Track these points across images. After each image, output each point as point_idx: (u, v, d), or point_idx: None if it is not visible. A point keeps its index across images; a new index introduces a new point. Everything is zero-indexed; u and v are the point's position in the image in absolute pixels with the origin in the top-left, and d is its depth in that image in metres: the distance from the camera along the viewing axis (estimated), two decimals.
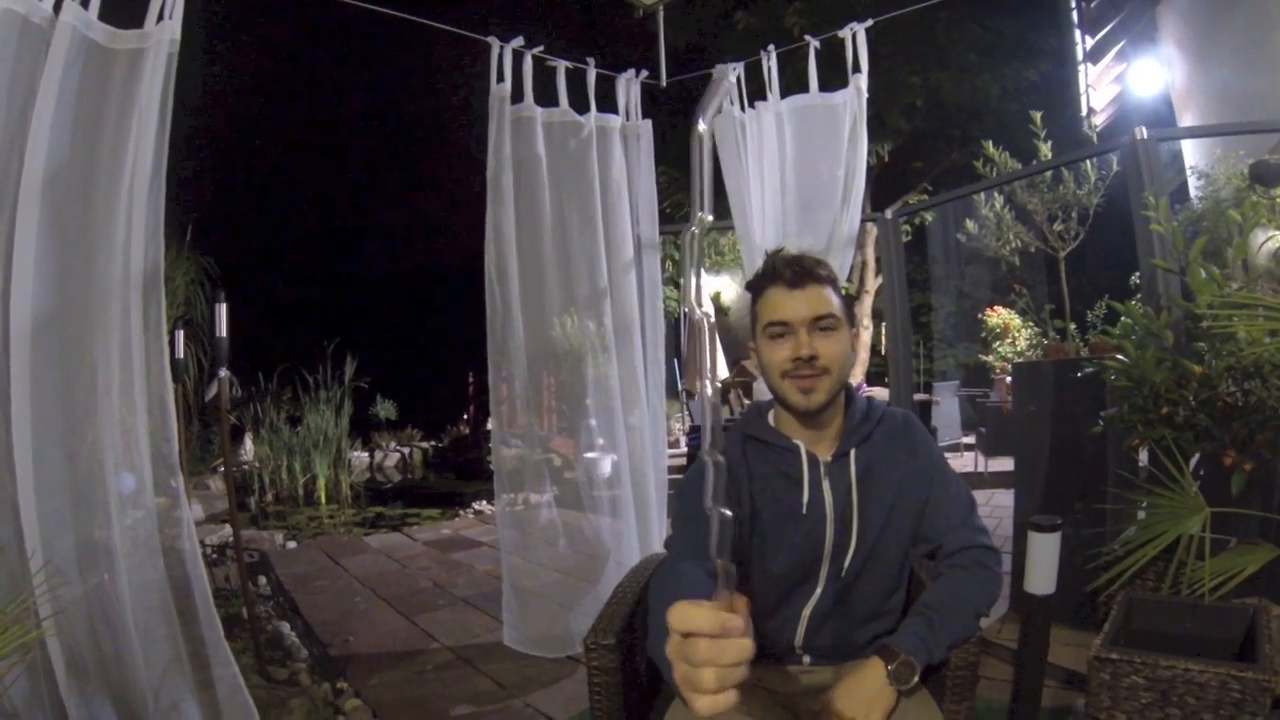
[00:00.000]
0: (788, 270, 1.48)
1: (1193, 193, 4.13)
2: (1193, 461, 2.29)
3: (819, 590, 1.50)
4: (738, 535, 1.47)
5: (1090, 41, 7.44)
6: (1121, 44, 6.94)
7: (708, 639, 0.74)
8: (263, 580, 4.85)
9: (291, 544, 6.09)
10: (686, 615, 0.76)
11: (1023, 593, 2.17)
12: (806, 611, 1.51)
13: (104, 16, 2.22)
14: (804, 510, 1.49)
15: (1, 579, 1.94)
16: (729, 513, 0.78)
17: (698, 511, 1.44)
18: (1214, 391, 2.26)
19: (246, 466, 9.03)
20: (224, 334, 3.22)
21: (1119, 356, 2.56)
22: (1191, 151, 4.59)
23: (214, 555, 4.60)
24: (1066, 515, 2.38)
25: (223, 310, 3.21)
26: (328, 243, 17.88)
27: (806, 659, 1.54)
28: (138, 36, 2.27)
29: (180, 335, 3.55)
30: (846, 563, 1.48)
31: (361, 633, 3.84)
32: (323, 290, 17.04)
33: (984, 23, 9.11)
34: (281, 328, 12.82)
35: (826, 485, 1.50)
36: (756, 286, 1.54)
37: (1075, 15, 7.83)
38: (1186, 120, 5.66)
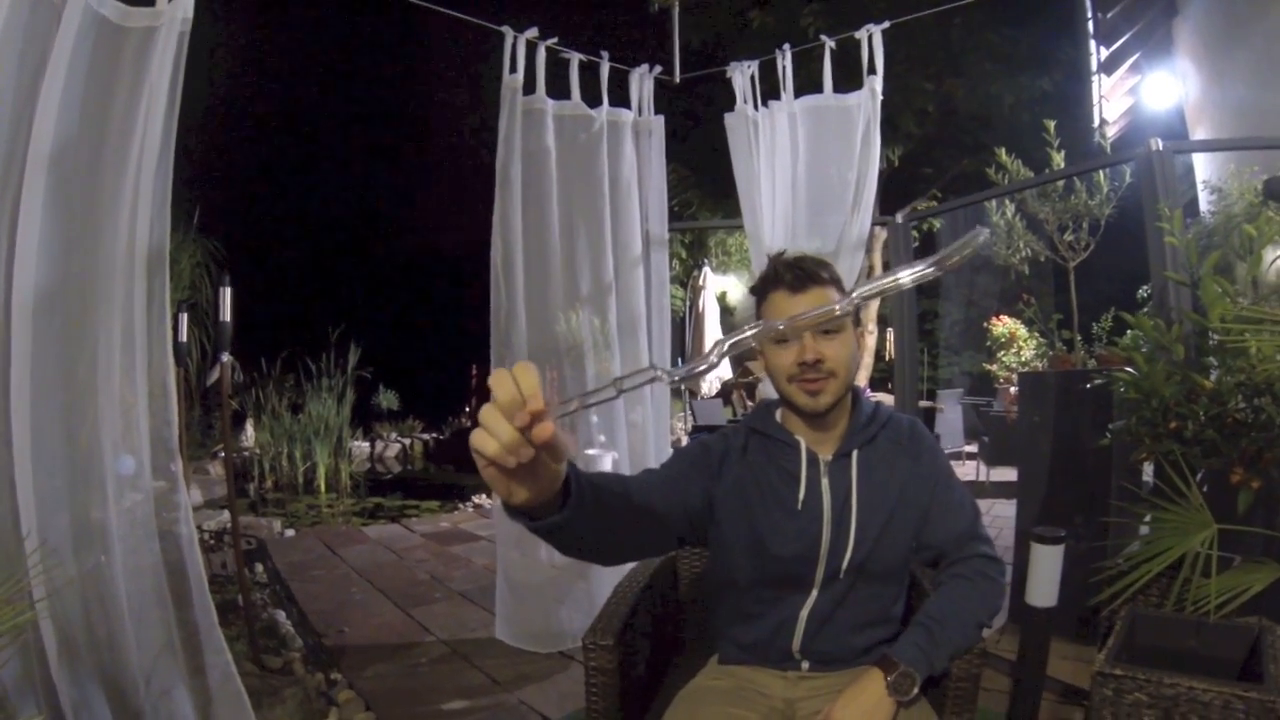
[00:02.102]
0: (789, 274, 1.48)
1: (1204, 207, 4.09)
2: (1197, 476, 2.26)
3: (815, 592, 1.49)
4: (705, 508, 1.51)
5: (1105, 53, 7.39)
6: (1136, 56, 6.89)
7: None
8: (259, 568, 4.85)
9: (290, 532, 6.09)
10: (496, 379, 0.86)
11: (1023, 605, 2.15)
12: (803, 614, 1.49)
13: None
14: (799, 506, 1.48)
15: None
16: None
17: (675, 467, 1.52)
18: (1224, 407, 2.24)
19: (247, 452, 9.03)
20: (228, 319, 3.21)
21: (1128, 369, 2.54)
22: (1204, 166, 4.55)
23: (211, 541, 4.59)
24: (1068, 527, 2.36)
25: (227, 295, 3.20)
26: (335, 230, 17.87)
27: (805, 664, 1.52)
28: (150, 14, 2.25)
29: (184, 318, 3.54)
30: (844, 564, 1.47)
31: (357, 624, 3.84)
32: (328, 277, 17.04)
33: (1000, 30, 9.09)
34: (286, 314, 12.81)
35: (825, 483, 1.49)
36: (760, 291, 1.54)
37: (1091, 26, 7.78)
38: (1199, 134, 5.62)
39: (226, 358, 3.24)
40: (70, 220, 2.15)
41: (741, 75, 3.52)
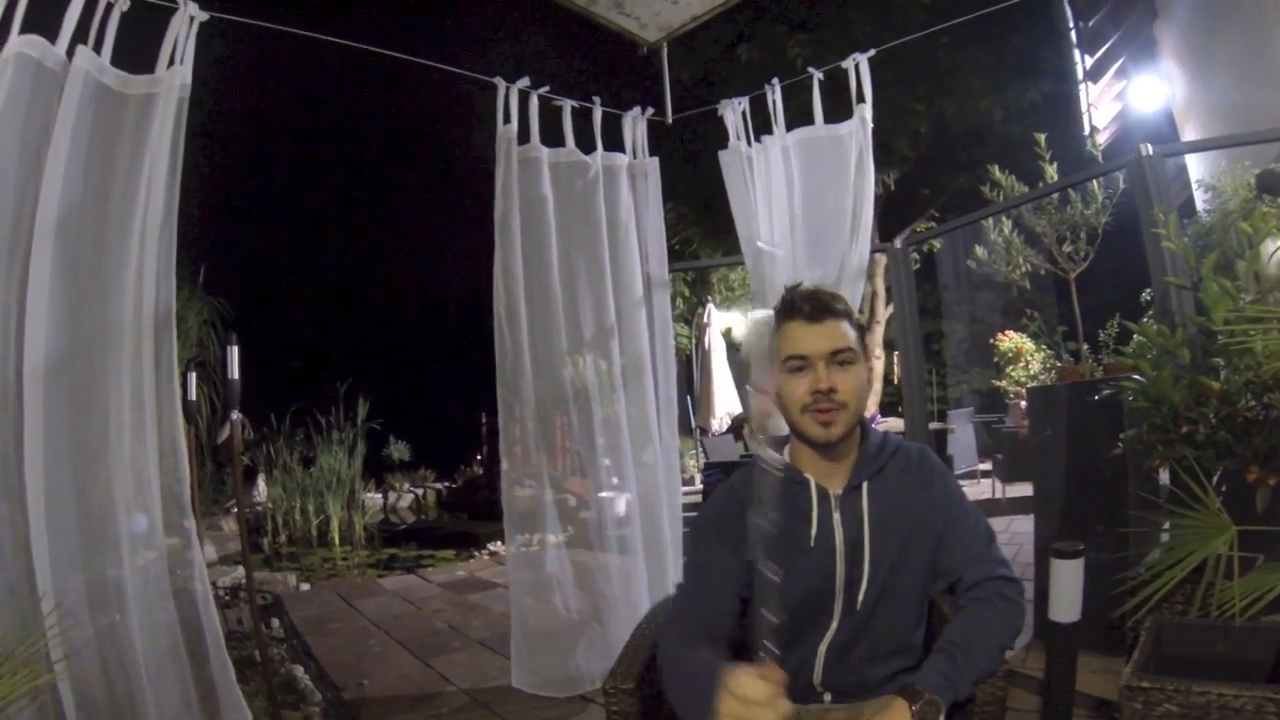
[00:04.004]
0: (806, 304, 1.48)
1: (1199, 206, 4.10)
2: (1213, 478, 2.24)
3: (834, 625, 1.48)
4: (747, 572, 1.45)
5: (1090, 60, 7.47)
6: (1121, 61, 6.95)
7: (760, 706, 1.02)
8: (276, 623, 4.81)
9: (305, 586, 6.07)
10: (742, 683, 1.04)
11: (1048, 621, 2.12)
12: (823, 647, 1.48)
13: (116, 61, 2.26)
14: (811, 543, 1.48)
15: (12, 620, 1.92)
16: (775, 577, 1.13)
17: (708, 559, 1.51)
18: (1234, 407, 2.22)
19: (259, 507, 9.02)
20: (236, 376, 3.22)
21: (1135, 376, 2.53)
22: (1196, 165, 4.56)
23: (226, 597, 4.57)
24: (1087, 539, 2.34)
25: (234, 353, 3.22)
26: (340, 283, 17.98)
27: (828, 697, 1.51)
28: (149, 81, 2.31)
29: (193, 376, 3.56)
30: (860, 596, 1.46)
31: (376, 676, 3.80)
32: (335, 331, 17.12)
33: (985, 46, 9.18)
34: (294, 368, 12.86)
35: (837, 518, 1.49)
36: (775, 323, 1.54)
37: (1074, 35, 7.87)
38: (1188, 134, 5.65)
39: (236, 415, 3.25)
40: (78, 286, 2.19)
41: (733, 112, 3.56)
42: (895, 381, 11.37)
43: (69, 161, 2.12)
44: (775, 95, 3.52)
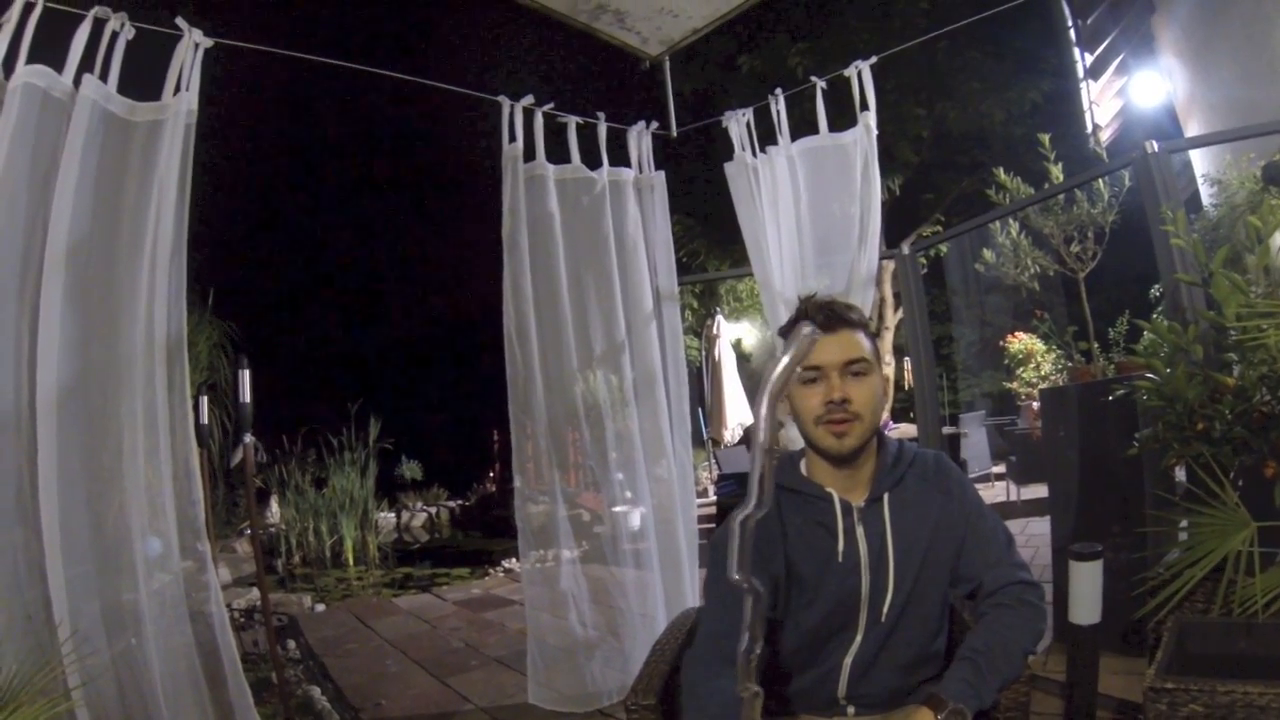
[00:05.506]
0: (820, 315, 1.47)
1: (1206, 200, 4.08)
2: (1231, 475, 2.22)
3: (859, 639, 1.47)
4: (773, 592, 1.47)
5: (1090, 58, 7.44)
6: (1121, 57, 6.92)
7: None
8: (292, 644, 4.81)
9: (320, 607, 6.06)
10: None
11: (1068, 624, 2.11)
12: (847, 661, 1.48)
13: (122, 89, 2.29)
14: (840, 559, 1.47)
15: (29, 648, 1.93)
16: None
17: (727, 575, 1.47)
18: (1249, 403, 2.20)
19: (273, 529, 9.02)
20: (248, 400, 3.24)
21: (1149, 375, 2.51)
22: (1200, 159, 4.53)
23: (242, 619, 4.57)
24: (1105, 539, 2.31)
25: (246, 377, 3.24)
26: (349, 304, 18.05)
27: (851, 710, 1.50)
28: (156, 108, 2.34)
29: (204, 400, 3.58)
30: (885, 609, 1.46)
31: (393, 696, 3.79)
32: (345, 352, 17.16)
33: (984, 48, 9.18)
34: (305, 390, 12.90)
35: (860, 532, 1.48)
36: (789, 333, 1.52)
37: (1073, 33, 7.84)
38: (1191, 128, 5.61)
39: (249, 438, 3.27)
40: (89, 313, 2.20)
41: (737, 123, 3.57)
42: (906, 387, 11.34)
43: (78, 189, 2.14)
44: (779, 105, 3.52)
